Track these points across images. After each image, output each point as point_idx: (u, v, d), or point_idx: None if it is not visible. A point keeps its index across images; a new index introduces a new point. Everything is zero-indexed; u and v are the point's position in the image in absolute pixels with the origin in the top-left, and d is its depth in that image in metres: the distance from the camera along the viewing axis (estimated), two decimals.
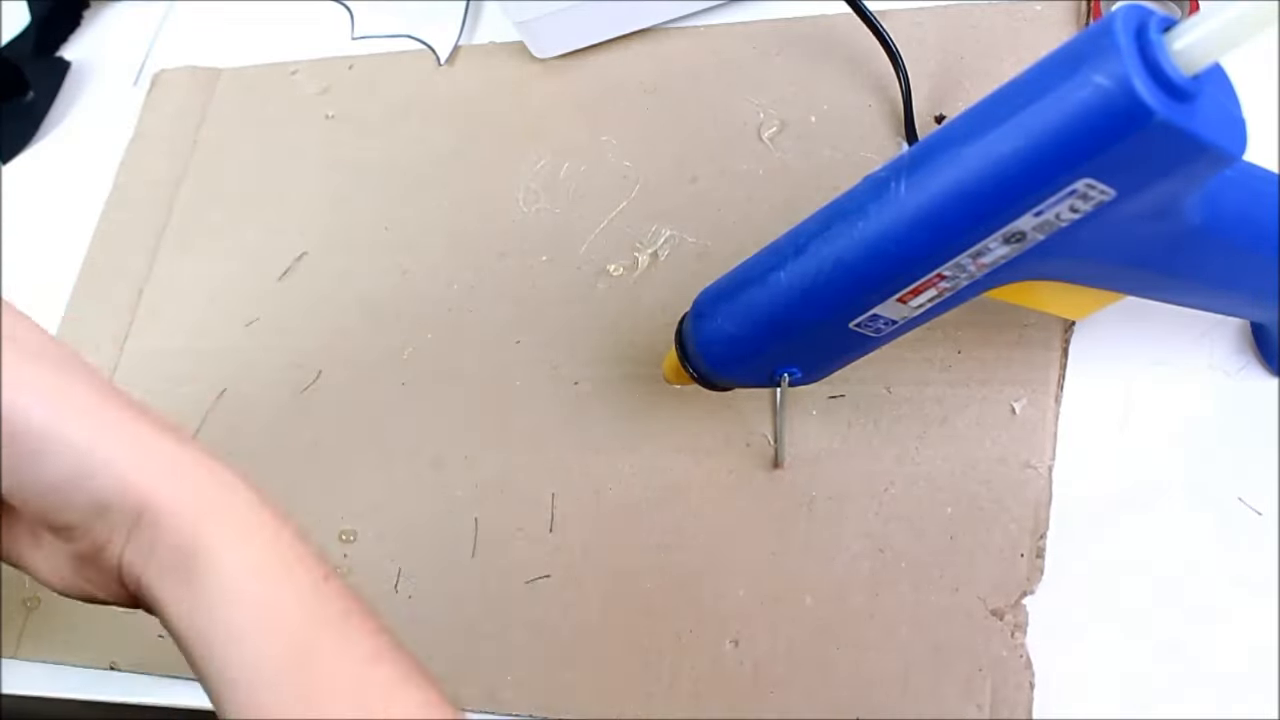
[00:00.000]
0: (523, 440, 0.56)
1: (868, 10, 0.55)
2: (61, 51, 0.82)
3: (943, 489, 0.48)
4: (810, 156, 0.56)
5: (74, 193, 0.74)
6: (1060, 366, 0.48)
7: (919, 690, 0.45)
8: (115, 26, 0.82)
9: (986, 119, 0.35)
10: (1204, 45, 0.30)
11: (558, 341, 0.57)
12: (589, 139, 0.62)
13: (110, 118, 0.76)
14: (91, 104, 0.79)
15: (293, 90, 0.71)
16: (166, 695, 0.56)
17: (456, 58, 0.68)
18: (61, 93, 0.80)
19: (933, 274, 0.38)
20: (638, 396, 0.54)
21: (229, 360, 0.64)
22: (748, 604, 0.49)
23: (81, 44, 0.83)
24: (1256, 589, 0.43)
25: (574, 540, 0.52)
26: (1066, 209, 0.34)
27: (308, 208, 0.67)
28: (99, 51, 0.81)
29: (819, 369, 0.45)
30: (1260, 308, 0.43)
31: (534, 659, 0.51)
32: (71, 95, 0.80)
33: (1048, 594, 0.45)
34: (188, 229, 0.70)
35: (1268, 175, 0.39)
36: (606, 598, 0.51)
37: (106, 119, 0.77)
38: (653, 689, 0.48)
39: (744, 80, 0.60)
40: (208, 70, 0.75)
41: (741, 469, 0.51)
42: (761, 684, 0.47)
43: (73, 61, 0.81)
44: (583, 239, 0.59)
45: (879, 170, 0.39)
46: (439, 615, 0.53)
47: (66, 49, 0.82)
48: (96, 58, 0.81)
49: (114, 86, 0.78)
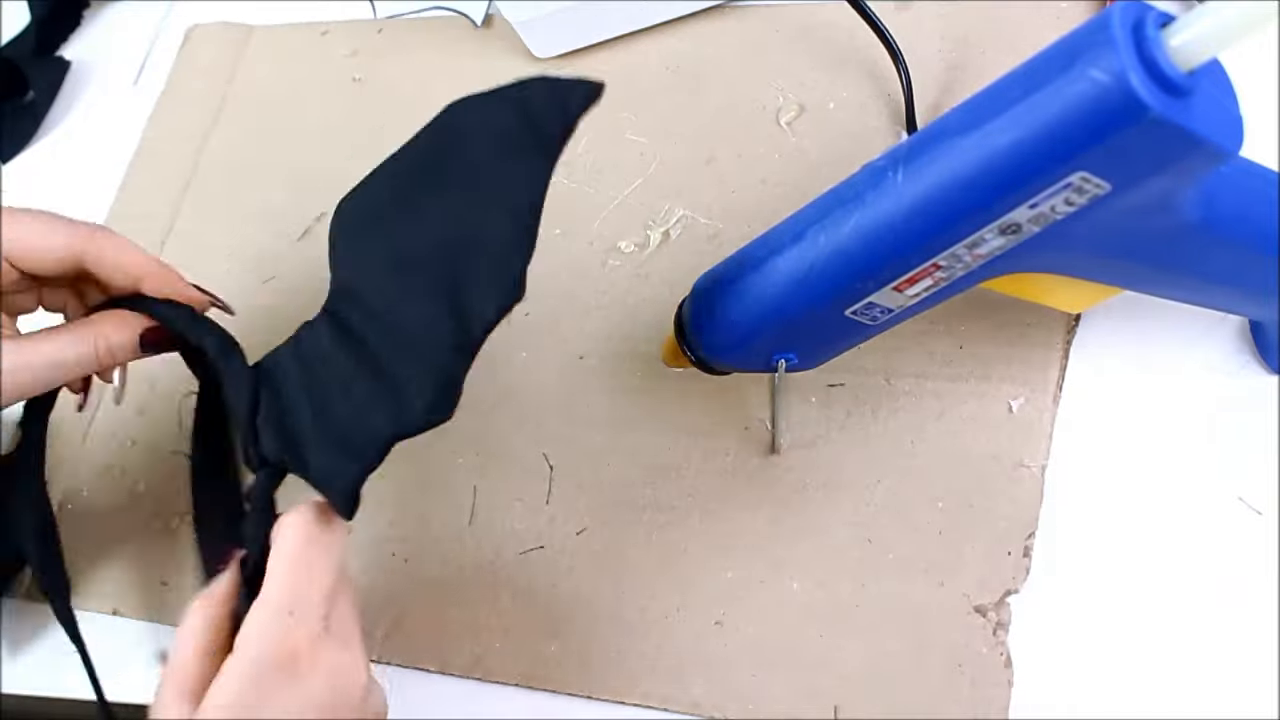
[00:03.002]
0: (525, 412, 0.56)
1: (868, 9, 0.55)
2: (62, 51, 0.82)
3: (935, 483, 0.47)
4: (827, 143, 0.56)
5: (75, 193, 0.75)
6: (1060, 367, 0.47)
7: (898, 682, 0.45)
8: (115, 26, 0.83)
9: (983, 110, 0.34)
10: (1201, 42, 0.30)
11: (565, 315, 0.57)
12: (608, 115, 0.62)
13: (111, 117, 0.77)
14: (92, 104, 0.79)
15: (323, 51, 0.72)
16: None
17: (488, 26, 0.68)
18: (62, 92, 0.80)
19: (929, 263, 0.38)
20: (641, 374, 0.55)
21: (246, 318, 0.64)
22: (735, 586, 0.49)
23: (81, 44, 0.83)
24: (1256, 589, 0.42)
25: (569, 513, 0.53)
26: (1062, 202, 0.34)
27: (330, 168, 0.67)
28: (99, 51, 0.82)
29: (815, 356, 0.45)
30: (1258, 304, 0.42)
31: (521, 629, 0.51)
32: (72, 95, 0.80)
33: (1034, 593, 0.44)
34: (211, 184, 0.70)
35: (1265, 172, 0.38)
36: (596, 572, 0.51)
37: (107, 119, 0.77)
38: (636, 665, 0.49)
39: (765, 64, 0.60)
40: (240, 26, 0.76)
41: (738, 452, 0.51)
42: (743, 666, 0.47)
43: (73, 61, 0.82)
44: (596, 214, 0.59)
45: (878, 159, 0.39)
46: (432, 580, 0.54)
47: (67, 49, 0.83)
48: (97, 57, 0.82)
49: (114, 86, 0.79)
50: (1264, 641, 0.41)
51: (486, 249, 0.40)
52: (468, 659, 0.51)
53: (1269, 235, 0.37)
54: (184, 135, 0.73)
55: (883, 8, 0.55)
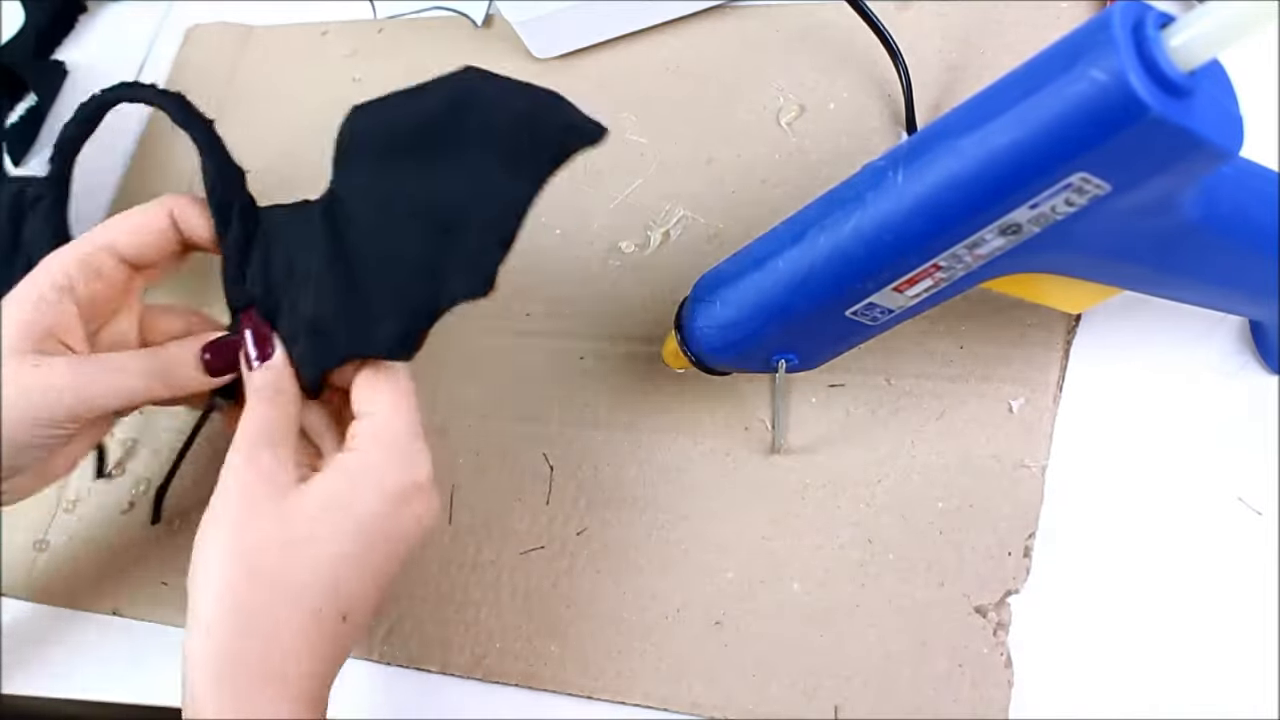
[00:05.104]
0: (526, 411, 0.56)
1: (867, 9, 0.55)
2: (61, 54, 0.82)
3: (935, 484, 0.47)
4: (827, 143, 0.56)
5: (75, 194, 0.74)
6: (1061, 368, 0.47)
7: (898, 683, 0.45)
8: (115, 26, 0.83)
9: (984, 111, 0.34)
10: (1201, 42, 0.30)
11: (566, 315, 0.57)
12: (609, 114, 0.61)
13: (110, 118, 0.76)
14: None
15: (323, 51, 0.72)
16: (167, 695, 0.56)
17: (488, 26, 0.68)
18: (62, 95, 0.80)
19: (929, 264, 0.38)
20: (641, 374, 0.54)
21: None
22: (736, 586, 0.49)
23: (81, 44, 0.83)
24: (1256, 589, 0.42)
25: (569, 513, 0.53)
26: (1062, 202, 0.34)
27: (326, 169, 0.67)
28: (99, 51, 0.82)
29: (815, 356, 0.45)
30: (1258, 305, 0.42)
31: (522, 629, 0.51)
32: (72, 95, 0.80)
33: (1034, 594, 0.44)
34: None
35: (1266, 172, 0.38)
36: (597, 572, 0.51)
37: (106, 119, 0.76)
38: (637, 665, 0.49)
39: (765, 64, 0.59)
40: (240, 27, 0.75)
41: (738, 452, 0.51)
42: (744, 666, 0.47)
43: (73, 64, 0.81)
44: (596, 214, 0.59)
45: (878, 159, 0.39)
46: (433, 581, 0.54)
47: (67, 51, 0.83)
48: (96, 57, 0.81)
49: None
50: (1264, 641, 0.41)
51: (474, 234, 0.44)
52: (468, 659, 0.51)
53: (1269, 235, 0.37)
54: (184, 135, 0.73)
55: (883, 8, 0.55)
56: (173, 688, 0.56)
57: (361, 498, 0.42)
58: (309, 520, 0.41)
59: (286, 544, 0.41)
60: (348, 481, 0.42)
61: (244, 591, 0.40)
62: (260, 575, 0.40)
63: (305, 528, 0.41)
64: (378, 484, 0.42)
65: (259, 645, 0.40)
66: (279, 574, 0.40)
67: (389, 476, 0.43)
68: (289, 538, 0.41)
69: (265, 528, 0.41)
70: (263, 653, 0.40)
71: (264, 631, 0.40)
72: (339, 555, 0.41)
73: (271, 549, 0.41)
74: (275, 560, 0.40)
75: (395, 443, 0.43)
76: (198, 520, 0.42)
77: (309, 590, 0.41)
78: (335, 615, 0.41)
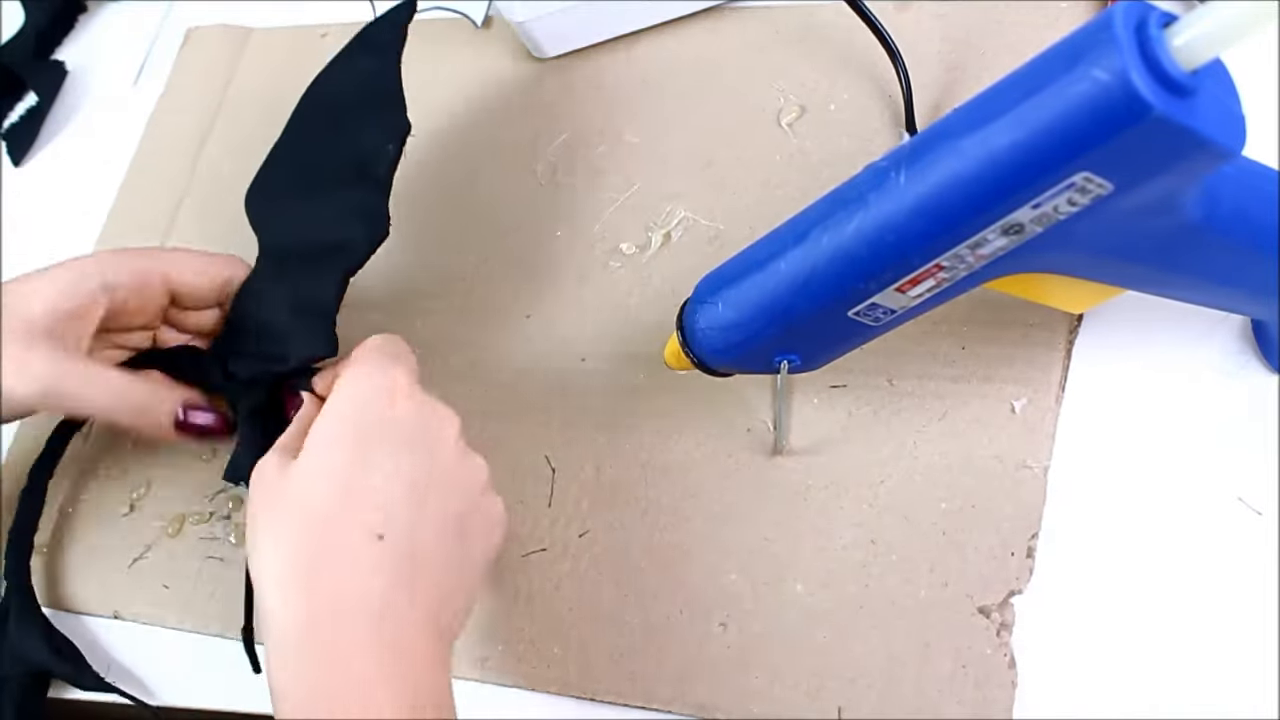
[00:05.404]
0: (527, 413, 0.56)
1: (867, 10, 0.55)
2: (61, 53, 0.82)
3: (938, 484, 0.47)
4: (828, 144, 0.56)
5: (75, 194, 0.75)
6: (1063, 368, 0.47)
7: (902, 684, 0.45)
8: (114, 27, 0.83)
9: (986, 111, 0.34)
10: (1203, 41, 0.30)
11: (567, 317, 0.57)
12: (608, 116, 0.62)
13: (110, 119, 0.77)
14: (91, 105, 0.79)
15: (322, 53, 0.71)
16: (168, 696, 0.57)
17: (487, 26, 0.68)
18: (61, 94, 0.80)
19: (931, 264, 0.38)
20: (642, 376, 0.54)
21: None
22: (739, 587, 0.49)
23: (81, 45, 0.83)
24: (1256, 589, 0.42)
25: (571, 515, 0.53)
26: (1064, 202, 0.34)
27: None
28: (98, 53, 0.82)
29: (818, 357, 0.45)
30: (1260, 304, 0.42)
31: (524, 631, 0.51)
32: (71, 96, 0.80)
33: (1038, 594, 0.44)
34: (211, 185, 0.70)
35: (1268, 172, 0.38)
36: (599, 574, 0.51)
37: (106, 120, 0.77)
38: (639, 667, 0.49)
39: (765, 65, 0.59)
40: (239, 29, 0.76)
41: (740, 454, 0.51)
42: (747, 668, 0.47)
43: (73, 64, 0.81)
44: (597, 216, 0.59)
45: (880, 160, 0.38)
46: None
47: (67, 51, 0.83)
48: (96, 59, 0.82)
49: (114, 88, 0.79)
50: (1264, 641, 0.41)
51: (376, 112, 0.54)
52: (471, 661, 0.51)
53: (1271, 234, 0.37)
54: (183, 137, 0.73)
55: (882, 8, 0.55)
56: (173, 688, 0.56)
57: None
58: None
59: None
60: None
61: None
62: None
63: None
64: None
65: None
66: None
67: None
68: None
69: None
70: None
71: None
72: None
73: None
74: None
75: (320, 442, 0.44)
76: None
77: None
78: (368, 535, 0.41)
